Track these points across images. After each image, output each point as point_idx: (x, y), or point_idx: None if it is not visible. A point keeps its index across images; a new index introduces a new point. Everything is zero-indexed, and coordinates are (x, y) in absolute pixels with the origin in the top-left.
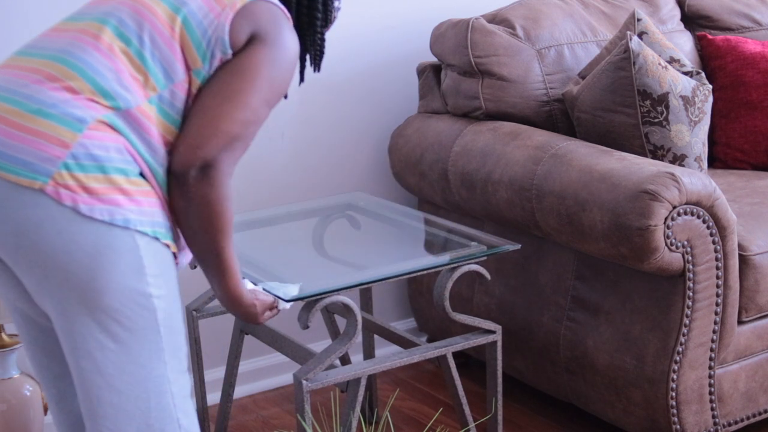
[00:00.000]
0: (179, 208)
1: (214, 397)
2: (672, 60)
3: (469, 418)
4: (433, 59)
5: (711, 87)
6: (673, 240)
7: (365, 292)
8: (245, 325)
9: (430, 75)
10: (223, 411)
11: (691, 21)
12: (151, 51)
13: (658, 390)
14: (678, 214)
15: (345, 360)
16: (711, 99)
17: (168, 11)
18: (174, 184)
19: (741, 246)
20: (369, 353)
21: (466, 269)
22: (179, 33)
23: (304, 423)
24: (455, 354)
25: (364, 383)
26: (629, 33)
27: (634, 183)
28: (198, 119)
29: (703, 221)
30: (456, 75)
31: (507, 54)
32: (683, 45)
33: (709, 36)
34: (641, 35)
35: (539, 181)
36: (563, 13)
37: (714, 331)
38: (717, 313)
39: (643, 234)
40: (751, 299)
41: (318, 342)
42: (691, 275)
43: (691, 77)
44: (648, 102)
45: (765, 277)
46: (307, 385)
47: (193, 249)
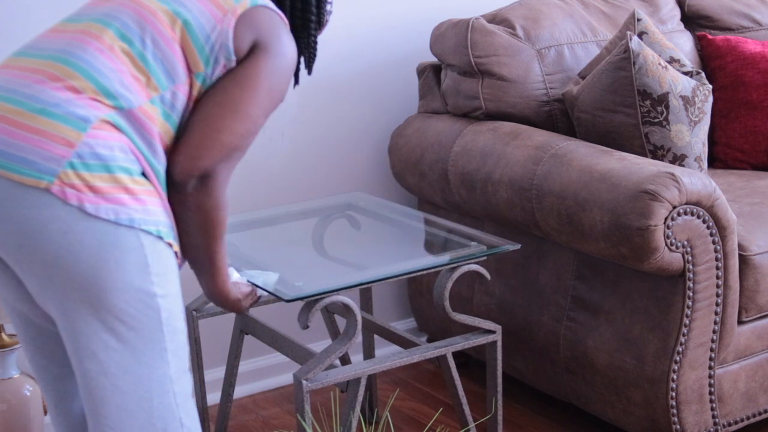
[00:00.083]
0: (175, 212)
1: (214, 397)
2: (672, 60)
3: (469, 418)
4: (433, 59)
5: (711, 87)
6: (673, 240)
7: (365, 292)
8: (245, 325)
9: (430, 75)
10: (223, 411)
11: (691, 21)
12: (153, 52)
13: (658, 390)
14: (678, 214)
15: (345, 360)
16: (711, 99)
17: (169, 14)
18: (172, 191)
19: (741, 246)
20: (369, 353)
21: (466, 269)
22: (180, 35)
23: (304, 423)
24: (455, 354)
25: (364, 383)
26: (629, 33)
27: (634, 183)
28: (199, 130)
29: (703, 221)
30: (456, 75)
31: (507, 54)
32: (683, 45)
33: (709, 36)
34: (641, 35)
35: (539, 181)
36: (563, 13)
37: (714, 331)
38: (717, 313)
39: (643, 234)
40: (751, 299)
41: (318, 342)
42: (691, 275)
43: (691, 77)
44: (648, 102)
45: (765, 277)
46: (307, 385)
47: (186, 250)
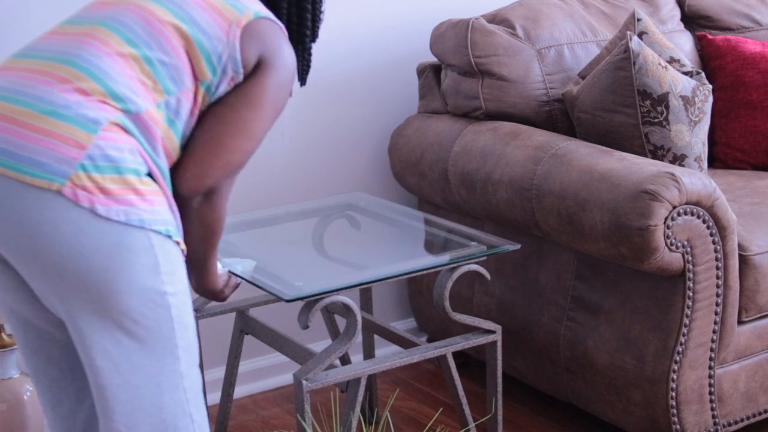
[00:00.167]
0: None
1: (214, 397)
2: (672, 60)
3: (469, 418)
4: (433, 59)
5: (711, 87)
6: (673, 240)
7: (365, 292)
8: (245, 325)
9: (430, 75)
10: (223, 411)
11: (691, 21)
12: (159, 57)
13: (658, 390)
14: (678, 214)
15: (345, 360)
16: (711, 99)
17: (174, 20)
18: (177, 201)
19: (741, 246)
20: (369, 353)
21: (466, 269)
22: (186, 43)
23: (304, 423)
24: (455, 354)
25: (364, 383)
26: (629, 33)
27: (634, 183)
28: (208, 149)
29: (703, 221)
30: (456, 75)
31: (507, 54)
32: (683, 45)
33: (709, 36)
34: (641, 35)
35: (539, 181)
36: (563, 13)
37: (714, 331)
38: (717, 313)
39: (643, 234)
40: (751, 299)
41: (318, 342)
42: (691, 275)
43: (691, 77)
44: (648, 102)
45: (765, 277)
46: (307, 385)
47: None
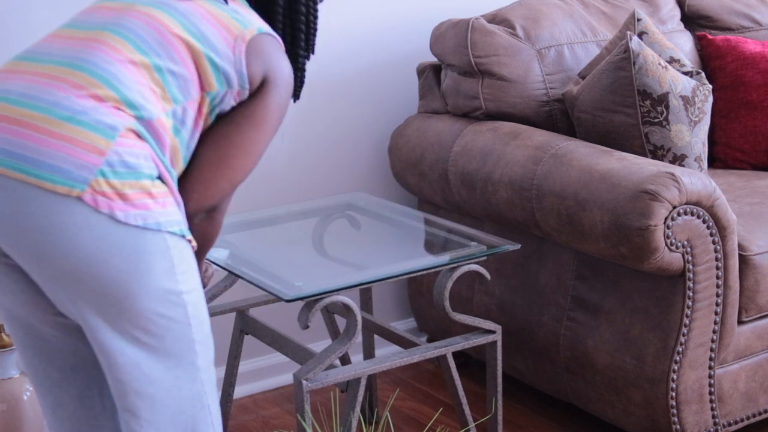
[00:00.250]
0: None
1: None
2: (672, 60)
3: (469, 418)
4: (433, 59)
5: (711, 87)
6: (673, 240)
7: (365, 292)
8: (245, 325)
9: (430, 75)
10: (223, 411)
11: (691, 21)
12: (169, 67)
13: (658, 390)
14: (678, 214)
15: (345, 360)
16: (711, 99)
17: (184, 35)
18: None
19: (741, 246)
20: (369, 353)
21: (466, 269)
22: (195, 55)
23: (304, 423)
24: (455, 354)
25: (364, 383)
26: (629, 33)
27: (634, 183)
28: (215, 170)
29: (703, 221)
30: (456, 75)
31: (507, 54)
32: (683, 45)
33: (709, 36)
34: (641, 35)
35: (539, 181)
36: (563, 13)
37: (714, 331)
38: (717, 313)
39: (643, 234)
40: (751, 299)
41: (318, 342)
42: (691, 275)
43: (691, 77)
44: (648, 102)
45: (765, 277)
46: (307, 385)
47: None
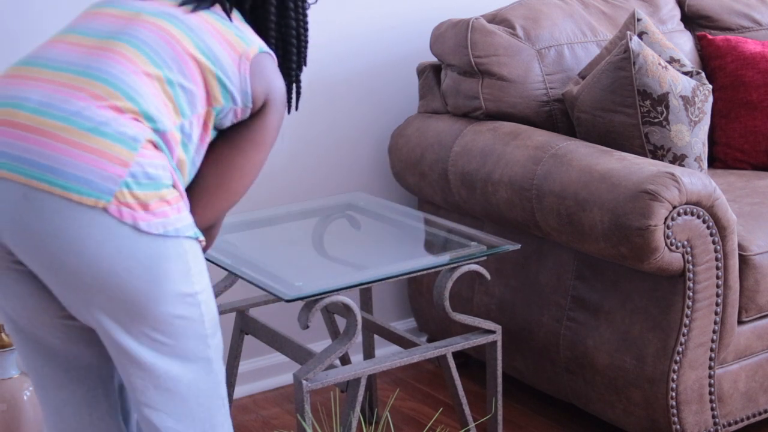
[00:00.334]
0: None
1: None
2: (672, 60)
3: (469, 418)
4: (433, 59)
5: (711, 87)
6: (673, 240)
7: (365, 292)
8: (245, 325)
9: (430, 75)
10: None
11: (691, 21)
12: (180, 81)
13: (658, 390)
14: (678, 214)
15: (345, 360)
16: (711, 99)
17: (195, 52)
18: None
19: (741, 246)
20: (369, 353)
21: (466, 269)
22: (205, 72)
23: (304, 423)
24: (455, 354)
25: (364, 383)
26: (629, 33)
27: (634, 183)
28: (219, 193)
29: (703, 221)
30: (456, 75)
31: (507, 54)
32: (683, 45)
33: (709, 36)
34: (641, 35)
35: (539, 181)
36: (563, 13)
37: (714, 331)
38: (717, 313)
39: (643, 234)
40: (751, 299)
41: (318, 342)
42: (691, 275)
43: (691, 77)
44: (648, 102)
45: (765, 277)
46: (307, 385)
47: None
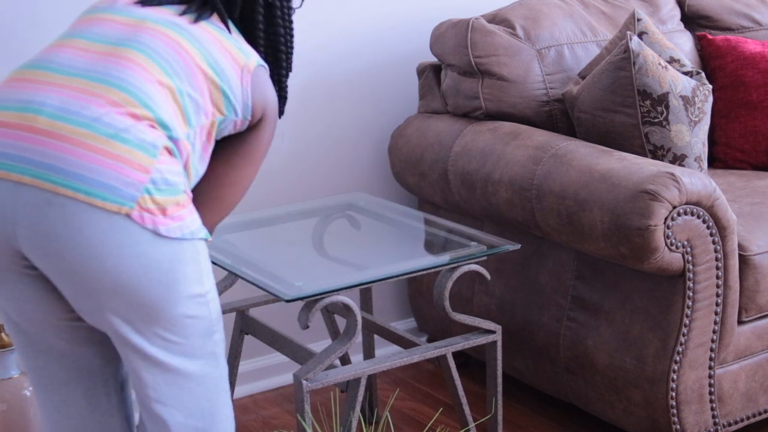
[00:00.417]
0: None
1: None
2: (672, 60)
3: (469, 418)
4: (433, 59)
5: (711, 87)
6: (673, 240)
7: (365, 292)
8: (245, 325)
9: (430, 75)
10: None
11: (691, 21)
12: (189, 92)
13: (658, 390)
14: (678, 214)
15: (345, 360)
16: (711, 99)
17: (203, 65)
18: None
19: (741, 246)
20: (369, 353)
21: (466, 269)
22: (211, 84)
23: (304, 423)
24: (455, 354)
25: (364, 383)
26: (629, 33)
27: (634, 183)
28: (216, 208)
29: (703, 221)
30: (456, 75)
31: (507, 54)
32: (683, 45)
33: (709, 36)
34: (641, 35)
35: (539, 181)
36: (563, 13)
37: (714, 331)
38: (717, 313)
39: (643, 234)
40: (751, 299)
41: (318, 342)
42: (691, 275)
43: (691, 77)
44: (648, 102)
45: (765, 277)
46: (307, 385)
47: None
